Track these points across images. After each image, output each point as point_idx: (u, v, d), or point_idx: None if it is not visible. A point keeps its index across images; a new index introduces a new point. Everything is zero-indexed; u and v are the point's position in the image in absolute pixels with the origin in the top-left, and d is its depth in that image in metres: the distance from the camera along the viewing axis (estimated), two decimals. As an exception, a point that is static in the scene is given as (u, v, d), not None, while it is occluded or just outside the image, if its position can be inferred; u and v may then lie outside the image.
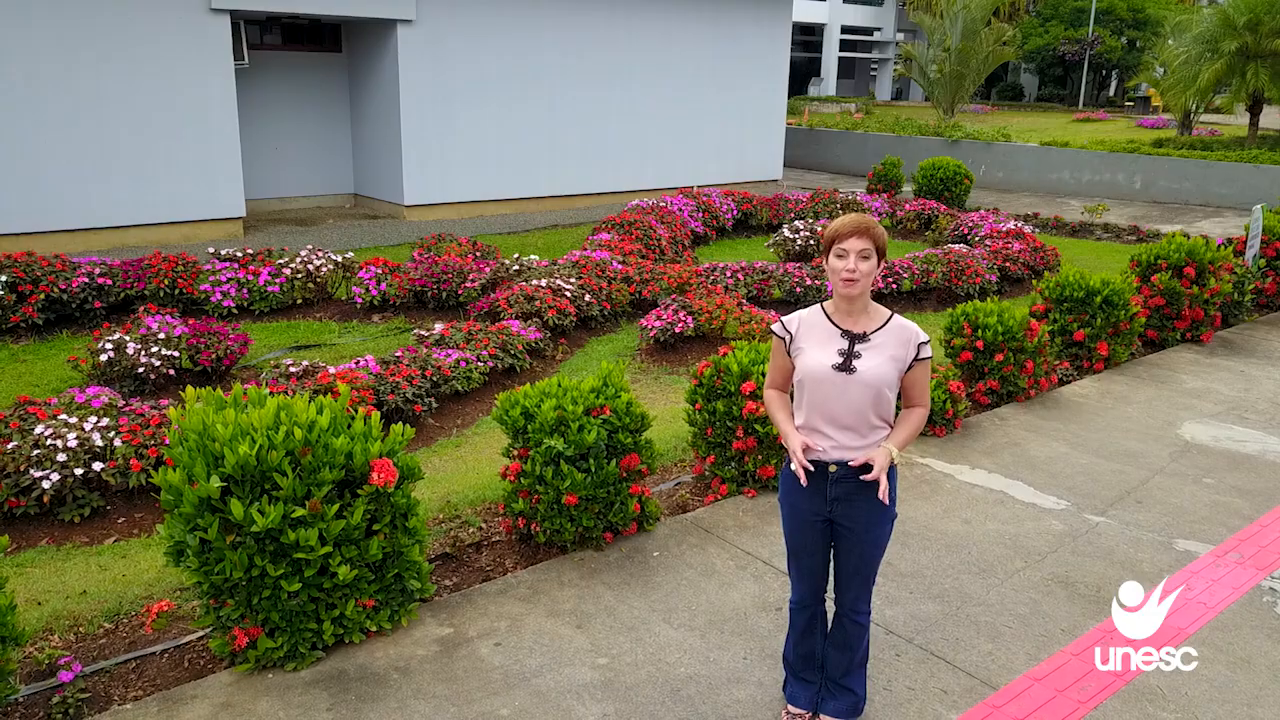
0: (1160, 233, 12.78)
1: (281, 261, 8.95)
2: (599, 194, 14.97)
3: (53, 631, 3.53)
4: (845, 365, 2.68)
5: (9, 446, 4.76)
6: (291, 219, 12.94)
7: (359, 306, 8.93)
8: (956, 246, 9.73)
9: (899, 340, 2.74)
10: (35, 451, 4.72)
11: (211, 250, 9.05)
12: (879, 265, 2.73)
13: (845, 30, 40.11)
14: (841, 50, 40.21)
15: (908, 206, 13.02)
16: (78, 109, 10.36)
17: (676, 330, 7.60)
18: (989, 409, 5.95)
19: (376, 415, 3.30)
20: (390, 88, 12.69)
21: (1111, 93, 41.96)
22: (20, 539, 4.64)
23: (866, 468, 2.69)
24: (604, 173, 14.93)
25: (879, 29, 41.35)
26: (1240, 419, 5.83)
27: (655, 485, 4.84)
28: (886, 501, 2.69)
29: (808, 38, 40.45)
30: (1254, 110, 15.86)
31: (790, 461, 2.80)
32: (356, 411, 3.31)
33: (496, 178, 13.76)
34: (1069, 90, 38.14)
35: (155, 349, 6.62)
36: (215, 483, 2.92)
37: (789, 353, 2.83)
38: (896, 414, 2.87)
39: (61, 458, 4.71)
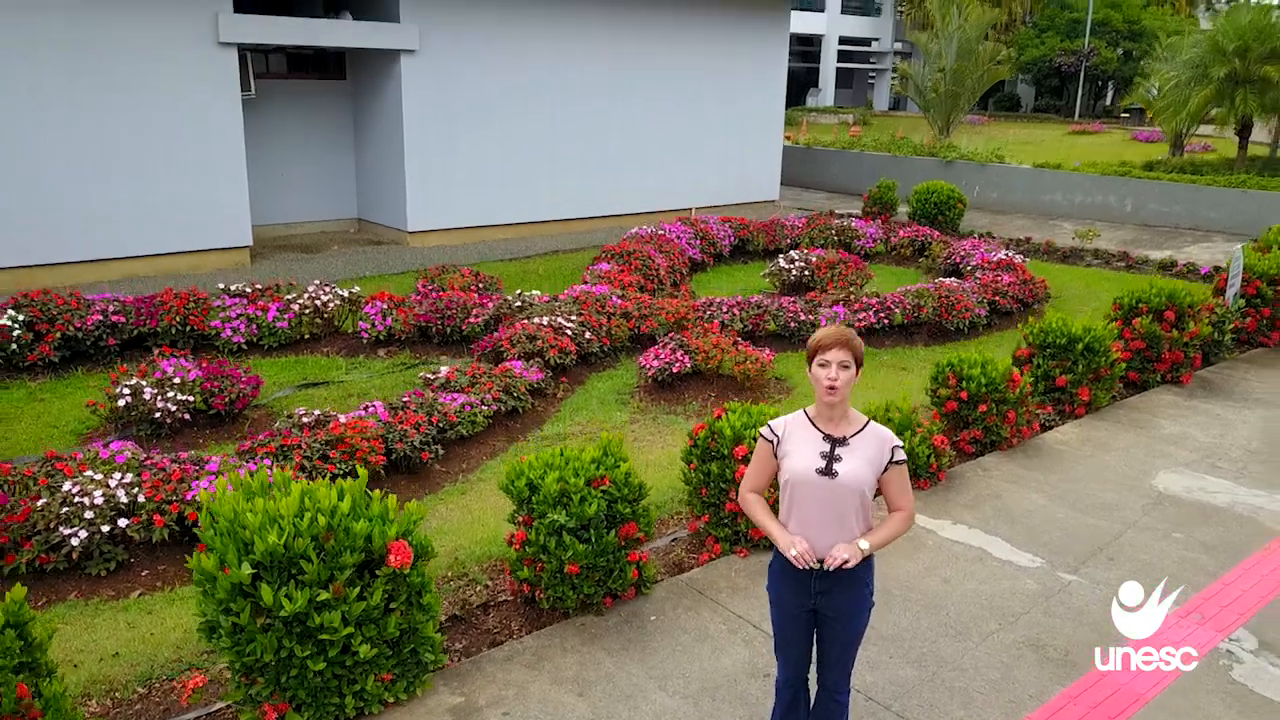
0: (1149, 259, 13.04)
1: (290, 297, 9.20)
2: (599, 217, 15.22)
3: (90, 696, 3.78)
4: (827, 469, 2.93)
5: (39, 504, 5.01)
6: (297, 245, 13.19)
7: (365, 341, 9.17)
8: (947, 280, 9.98)
9: (875, 445, 2.99)
10: (64, 509, 4.97)
11: (221, 286, 9.31)
12: (856, 374, 2.97)
13: (843, 41, 40.37)
14: (839, 61, 40.47)
15: (901, 233, 13.27)
16: (88, 142, 10.60)
17: (674, 370, 7.86)
18: (973, 457, 6.20)
19: (393, 499, 3.55)
20: (393, 115, 12.94)
21: (1109, 102, 42.24)
22: (50, 593, 4.89)
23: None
24: (603, 197, 15.18)
25: (877, 39, 41.61)
26: (1213, 467, 6.08)
27: (652, 541, 5.09)
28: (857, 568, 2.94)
29: (806, 48, 40.70)
30: (1243, 134, 16.11)
31: (774, 560, 3.07)
32: (373, 495, 3.56)
33: (498, 203, 14.01)
34: (1065, 101, 38.42)
35: (171, 394, 6.87)
36: (246, 569, 3.17)
37: (776, 455, 3.07)
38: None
39: (89, 515, 4.97)
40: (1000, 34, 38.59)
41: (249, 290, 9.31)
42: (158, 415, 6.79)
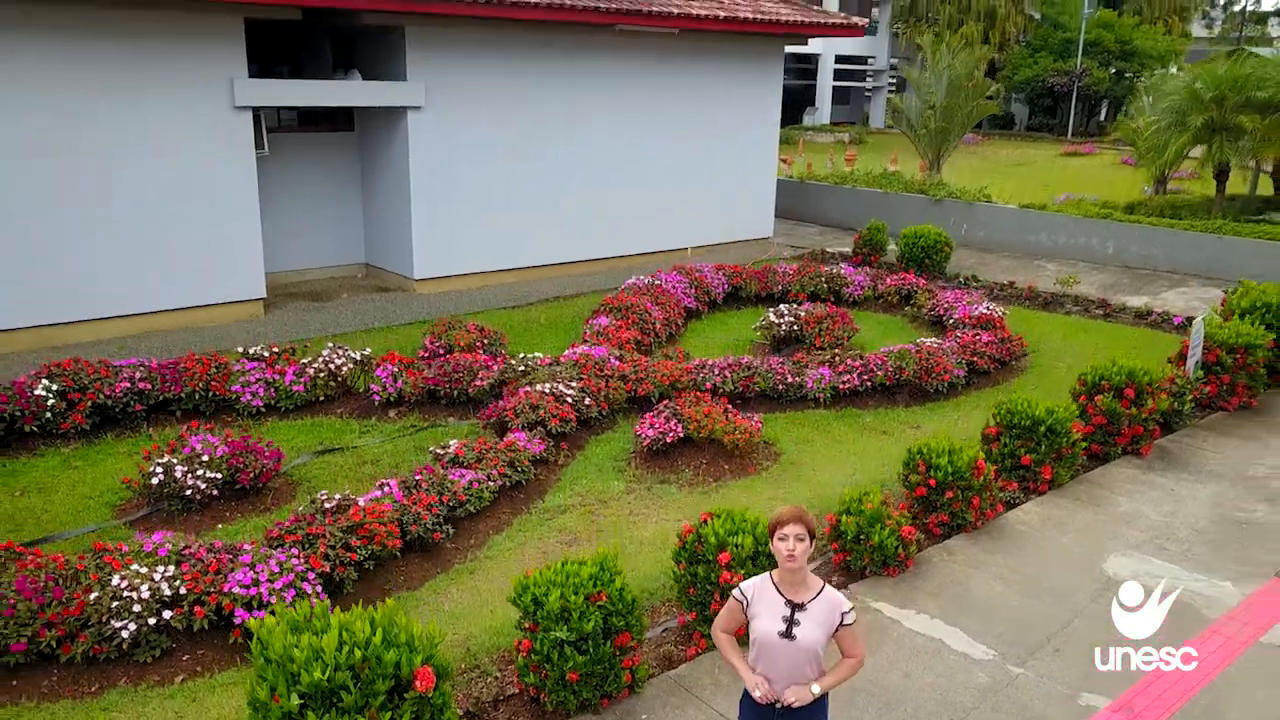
0: (1127, 306, 13.58)
1: (305, 361, 9.75)
2: (599, 259, 15.74)
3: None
4: (788, 633, 3.48)
5: (91, 597, 5.56)
6: (307, 293, 13.72)
7: (377, 403, 9.70)
8: (928, 342, 10.50)
9: (828, 611, 3.53)
10: (114, 603, 5.52)
11: (240, 350, 9.86)
12: (811, 545, 3.52)
13: (839, 59, 40.91)
14: (836, 79, 41.00)
15: (889, 281, 13.81)
16: (111, 202, 11.13)
17: (668, 440, 8.41)
18: (941, 539, 6.74)
19: (418, 627, 4.09)
20: (400, 167, 13.47)
21: (1103, 117, 42.79)
22: (101, 679, 5.44)
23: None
24: (603, 240, 15.71)
25: (873, 57, 42.14)
26: (1160, 549, 6.62)
27: (646, 631, 5.63)
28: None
29: (803, 65, 41.23)
30: (1220, 178, 16.65)
31: (744, 692, 3.62)
32: (399, 622, 4.10)
33: (501, 249, 14.54)
34: (1059, 119, 38.95)
35: (200, 471, 7.41)
36: (295, 700, 3.71)
37: (745, 613, 3.62)
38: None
39: (137, 608, 5.51)
40: (996, 51, 39.13)
41: (266, 354, 9.85)
42: (188, 493, 7.34)
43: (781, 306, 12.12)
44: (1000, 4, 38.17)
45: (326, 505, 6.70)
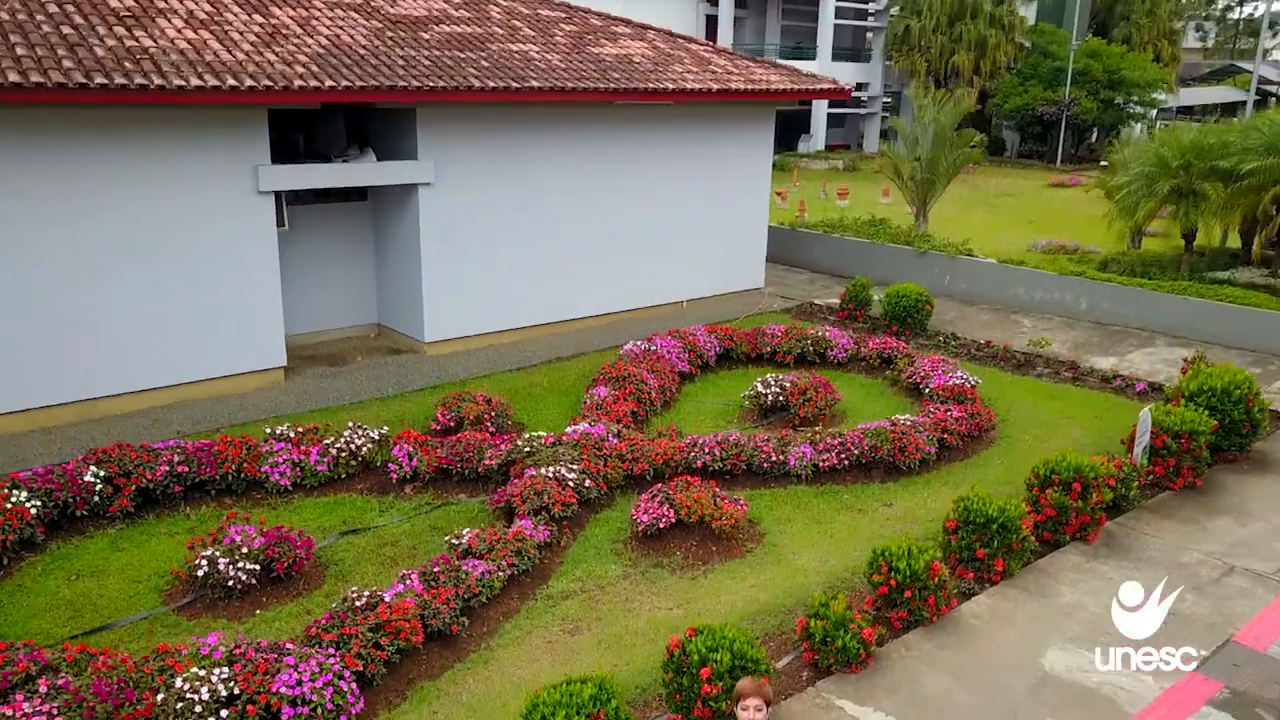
0: (1095, 369, 14.44)
1: (328, 442, 10.60)
2: (598, 315, 16.59)
3: None
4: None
5: (159, 698, 6.43)
6: (324, 356, 14.57)
7: (394, 480, 10.56)
8: (903, 419, 11.36)
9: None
10: (179, 704, 6.38)
11: (268, 431, 10.71)
12: (768, 711, 4.38)
13: (834, 86, 41.71)
14: (831, 106, 41.85)
15: (871, 344, 14.66)
16: (142, 281, 11.98)
17: (661, 526, 9.27)
18: (901, 632, 7.60)
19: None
20: (411, 237, 14.34)
21: (1094, 139, 43.64)
22: (169, 772, 6.29)
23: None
24: (603, 296, 16.56)
25: (867, 84, 42.99)
26: (1094, 643, 7.48)
27: (637, 727, 6.50)
28: None
29: (798, 90, 42.02)
30: (1188, 239, 17.51)
31: None
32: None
33: (506, 310, 15.40)
34: (1049, 146, 39.80)
35: (240, 563, 8.28)
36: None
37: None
38: None
39: (198, 709, 6.37)
40: (987, 79, 39.99)
41: (292, 434, 10.72)
42: (230, 583, 8.21)
43: (768, 376, 12.97)
44: (991, 34, 39.03)
45: (357, 603, 7.55)
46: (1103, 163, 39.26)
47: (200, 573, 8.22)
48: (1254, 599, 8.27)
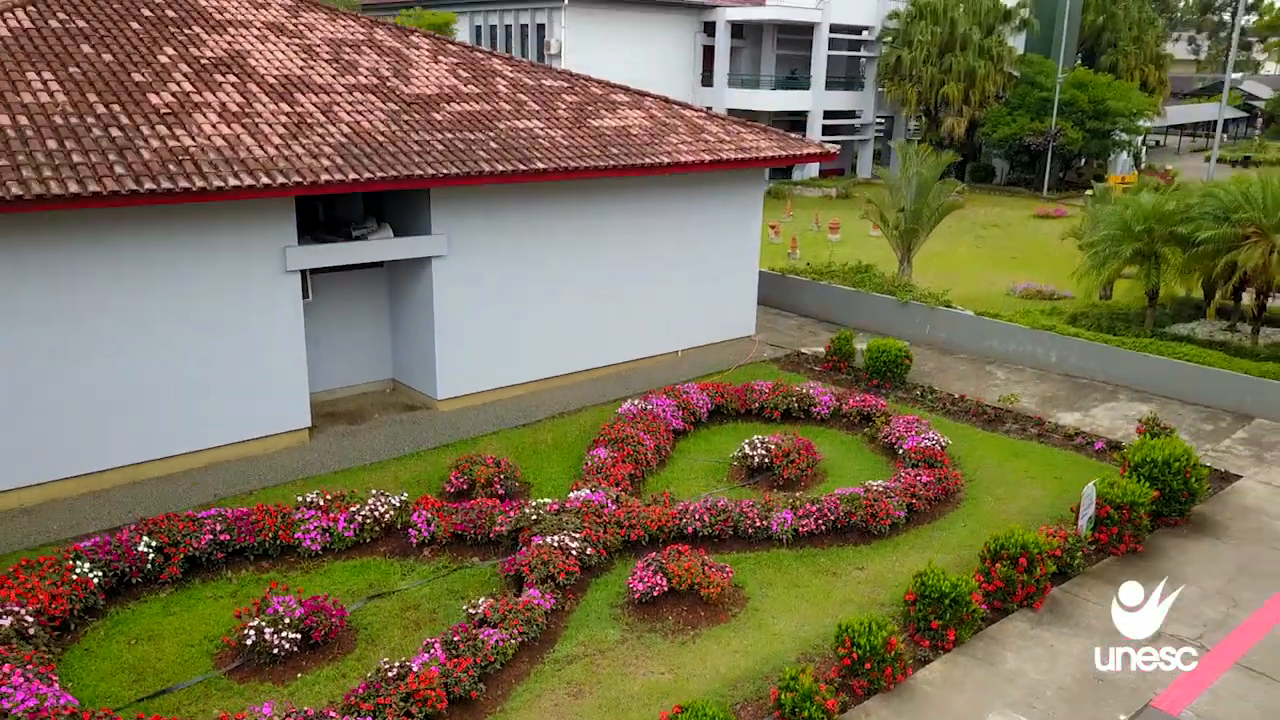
0: (1060, 425, 15.55)
1: (354, 509, 11.72)
2: (600, 367, 17.69)
3: None
4: None
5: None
6: (343, 414, 15.68)
7: (414, 544, 11.68)
8: (875, 485, 12.47)
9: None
10: (242, 771, 7.50)
11: (300, 499, 11.83)
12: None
13: (828, 115, 42.90)
14: (825, 134, 42.97)
15: (851, 402, 15.77)
16: (181, 353, 13.07)
17: (655, 594, 10.39)
18: (863, 699, 8.73)
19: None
20: (424, 303, 15.44)
21: (1082, 163, 44.76)
22: (234, 828, 7.42)
23: None
24: (604, 349, 17.66)
25: (860, 111, 44.12)
26: (1029, 708, 8.60)
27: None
28: None
29: (794, 118, 43.21)
30: (1151, 296, 18.62)
31: None
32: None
33: (513, 367, 16.50)
34: (1036, 174, 40.91)
35: (283, 632, 9.41)
36: None
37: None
38: None
39: (259, 775, 7.49)
40: (977, 109, 41.10)
41: (321, 502, 11.84)
42: (274, 650, 9.34)
43: (755, 438, 14.07)
44: (980, 65, 40.15)
45: (389, 674, 8.68)
46: (1088, 192, 40.46)
47: (248, 641, 9.35)
48: (1173, 665, 9.39)
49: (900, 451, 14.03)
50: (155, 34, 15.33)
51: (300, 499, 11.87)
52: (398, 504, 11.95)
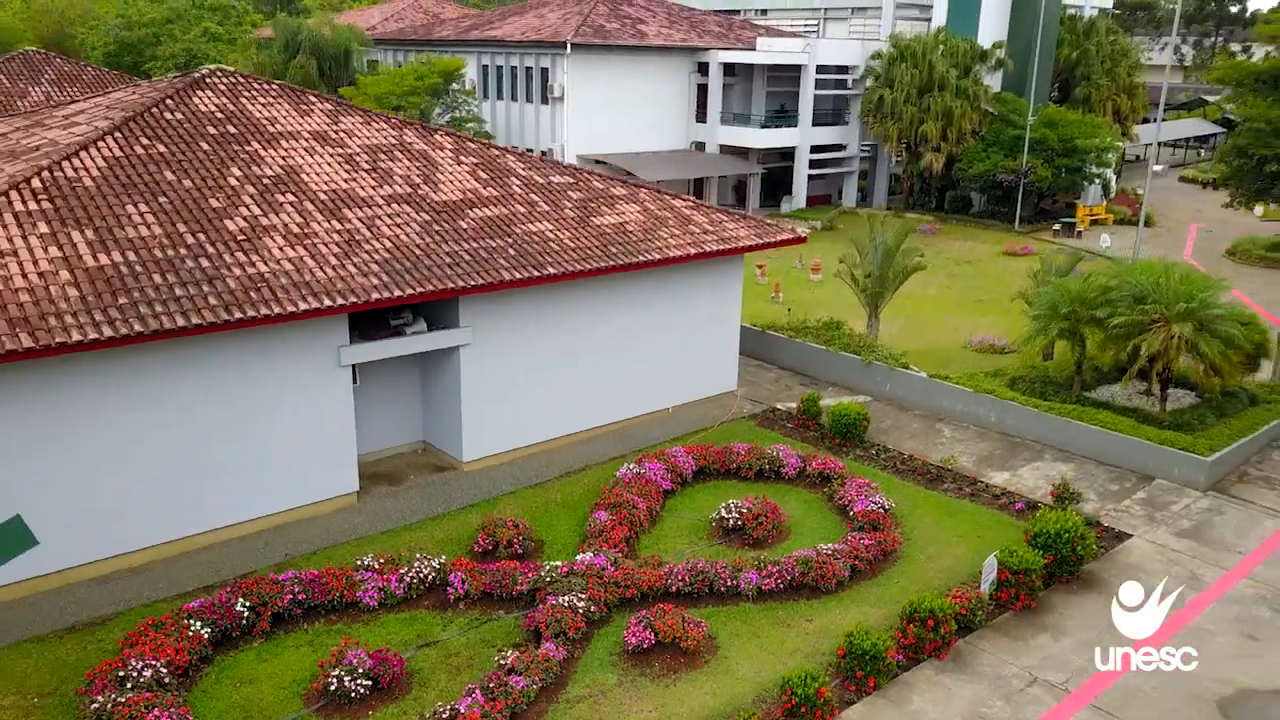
0: (990, 485, 18.36)
1: (403, 571, 14.55)
2: (602, 426, 20.49)
3: None
4: None
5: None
6: (384, 475, 18.49)
7: (451, 599, 14.51)
8: (826, 548, 15.30)
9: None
10: (343, 792, 10.35)
11: (358, 562, 14.66)
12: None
13: (815, 149, 45.57)
14: (811, 167, 45.67)
15: (814, 464, 18.57)
16: (254, 436, 15.84)
17: (645, 646, 13.24)
18: (799, 734, 11.57)
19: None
20: (453, 383, 18.22)
21: (1054, 199, 47.42)
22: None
23: None
24: (604, 410, 20.45)
25: (845, 145, 46.78)
26: (925, 742, 11.45)
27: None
28: None
29: (783, 150, 45.86)
30: (1079, 366, 21.39)
31: None
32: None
33: (526, 431, 19.29)
34: (1010, 207, 43.61)
35: (358, 680, 12.26)
36: None
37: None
38: None
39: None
40: (954, 145, 43.78)
41: (376, 565, 14.67)
42: (351, 694, 12.20)
43: (730, 502, 16.87)
44: (957, 105, 42.76)
45: (444, 715, 11.53)
46: (1055, 226, 43.16)
47: (331, 686, 12.21)
48: (1042, 705, 12.26)
49: (851, 514, 16.85)
50: (222, 153, 18.04)
51: (359, 561, 14.71)
52: (437, 565, 14.78)
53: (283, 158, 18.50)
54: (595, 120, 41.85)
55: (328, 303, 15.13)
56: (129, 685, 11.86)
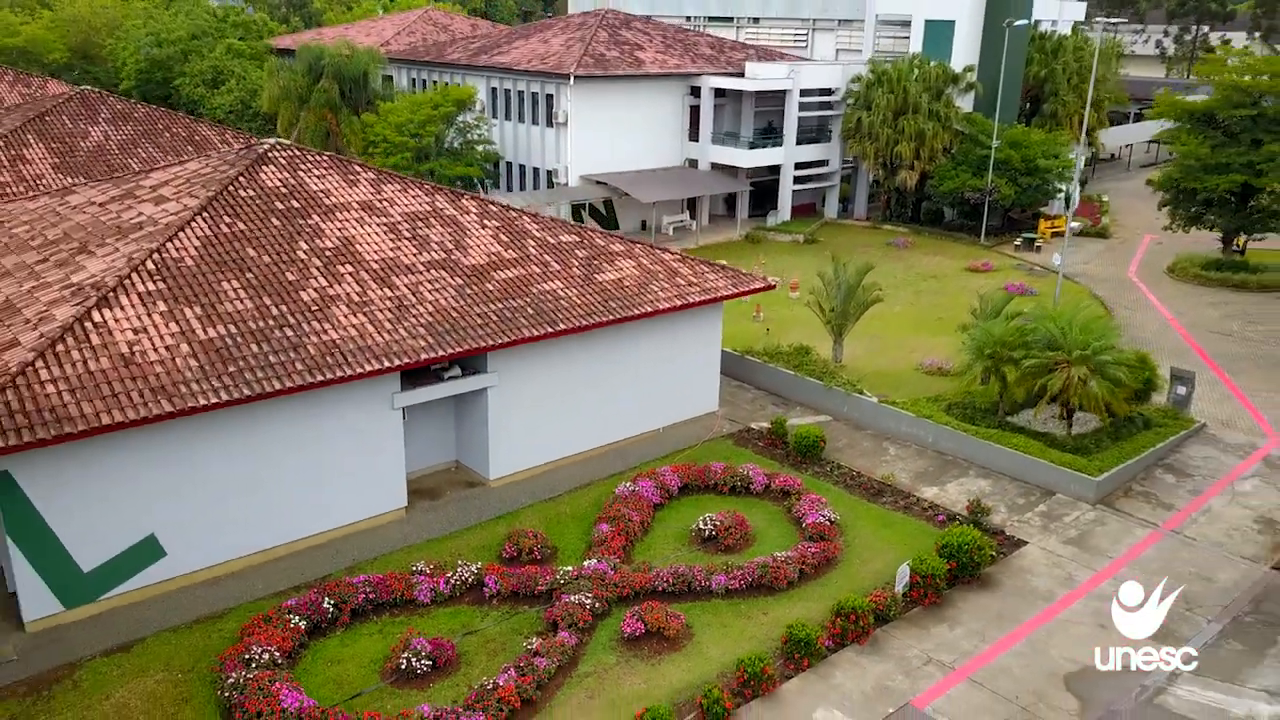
0: (920, 499, 22.45)
1: (449, 575, 18.70)
2: (604, 445, 24.53)
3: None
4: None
5: (410, 739, 14.57)
6: (425, 491, 22.59)
7: (486, 596, 18.65)
8: (780, 555, 19.43)
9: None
10: (420, 742, 14.53)
11: (413, 568, 18.80)
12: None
13: (799, 165, 49.32)
14: (796, 183, 49.44)
15: (778, 481, 22.66)
16: (324, 467, 19.93)
17: (637, 635, 17.39)
18: (749, 700, 15.73)
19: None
20: (482, 414, 22.25)
21: (1024, 209, 51.12)
22: (417, 771, 14.45)
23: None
24: (604, 432, 24.49)
25: (827, 160, 50.52)
26: (840, 704, 15.59)
27: (622, 751, 14.62)
28: None
29: (771, 166, 49.58)
30: (1001, 395, 25.38)
31: None
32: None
33: (542, 451, 23.39)
34: (977, 221, 47.46)
35: (421, 661, 16.42)
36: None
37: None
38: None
39: (429, 744, 14.53)
40: (926, 163, 47.56)
41: (428, 570, 18.81)
42: (417, 671, 16.37)
43: (707, 515, 20.97)
44: (929, 127, 46.45)
45: (487, 686, 15.70)
46: (1016, 241, 46.97)
47: (401, 665, 16.38)
48: (932, 679, 16.41)
49: (804, 525, 20.97)
50: (290, 227, 21.97)
51: (413, 567, 18.85)
52: (475, 570, 18.92)
53: (339, 229, 22.43)
54: (597, 142, 45.56)
55: (386, 364, 19.18)
56: (253, 665, 16.00)
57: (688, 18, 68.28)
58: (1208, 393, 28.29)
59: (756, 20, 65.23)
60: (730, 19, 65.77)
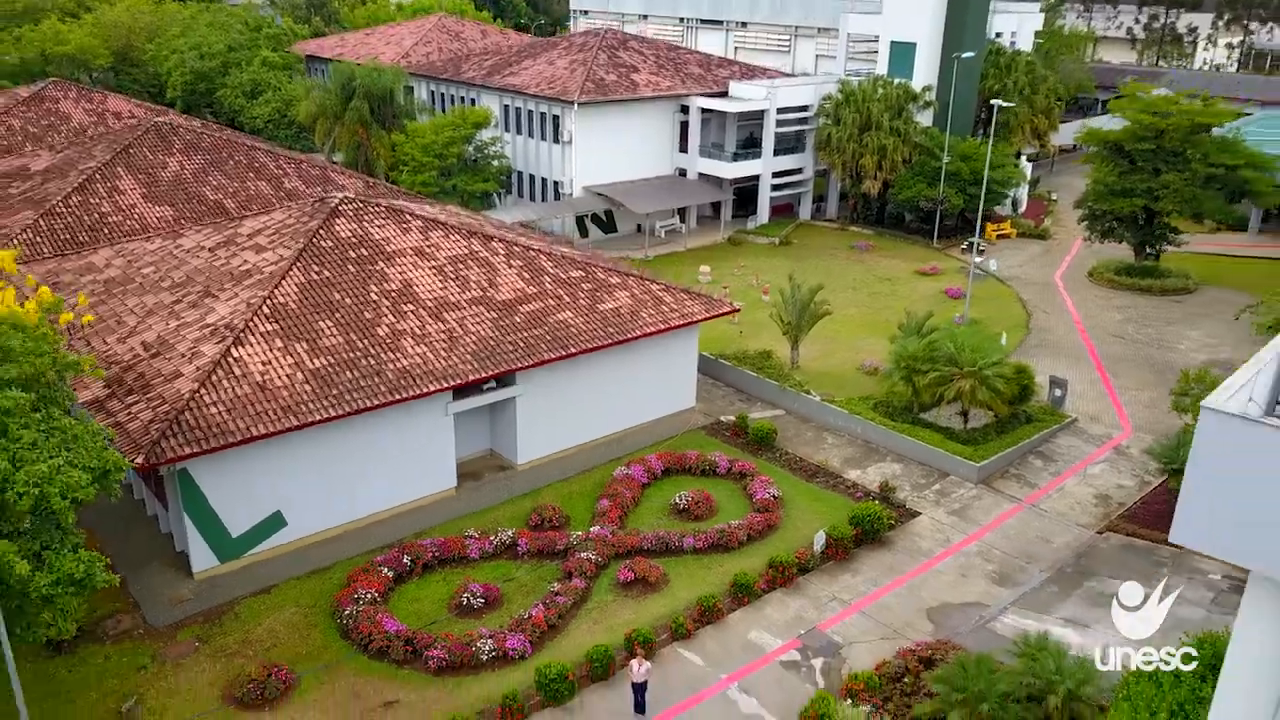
0: (845, 479, 29.39)
1: (493, 538, 25.75)
2: (605, 435, 31.42)
3: None
4: None
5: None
6: (469, 474, 29.53)
7: (519, 554, 25.69)
8: (734, 523, 26.44)
9: None
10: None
11: (466, 534, 25.80)
12: (648, 663, 19.56)
13: (777, 174, 55.74)
14: (774, 190, 55.89)
15: (737, 466, 29.59)
16: (397, 457, 26.88)
17: (628, 580, 24.41)
18: (703, 625, 22.82)
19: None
20: (511, 415, 29.14)
21: (977, 212, 57.46)
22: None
23: None
24: (604, 425, 31.37)
25: (802, 168, 56.91)
26: (769, 628, 22.65)
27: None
28: None
29: (751, 173, 55.97)
30: (913, 396, 32.19)
31: None
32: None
33: (557, 441, 30.32)
34: (931, 225, 54.01)
35: (475, 599, 23.51)
36: None
37: None
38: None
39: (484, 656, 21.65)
40: (888, 174, 53.99)
41: (477, 535, 25.84)
42: (474, 605, 23.45)
43: (682, 493, 27.95)
44: (890, 142, 52.76)
45: (524, 617, 22.79)
46: (962, 246, 53.52)
47: (462, 603, 23.48)
48: (834, 611, 23.46)
49: (754, 500, 27.94)
50: (362, 273, 28.68)
51: (466, 533, 25.88)
52: (511, 534, 25.95)
53: (400, 273, 29.14)
54: (598, 157, 51.91)
55: (445, 384, 26.05)
56: (360, 601, 23.08)
57: (681, 19, 74.22)
58: (1088, 391, 35.16)
59: (744, 25, 71.13)
60: (720, 22, 71.65)
